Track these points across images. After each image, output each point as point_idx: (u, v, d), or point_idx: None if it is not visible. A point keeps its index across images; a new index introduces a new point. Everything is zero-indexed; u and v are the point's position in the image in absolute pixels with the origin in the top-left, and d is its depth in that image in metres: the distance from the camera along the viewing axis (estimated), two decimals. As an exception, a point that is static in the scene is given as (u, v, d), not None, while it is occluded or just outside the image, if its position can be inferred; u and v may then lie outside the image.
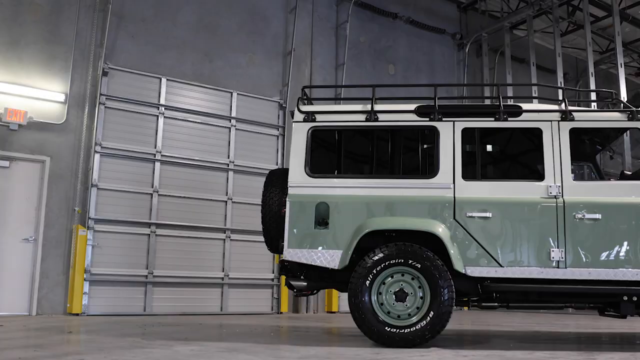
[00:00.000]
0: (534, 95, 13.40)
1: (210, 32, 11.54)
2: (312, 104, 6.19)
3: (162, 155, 10.54)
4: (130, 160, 10.26)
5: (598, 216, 5.31)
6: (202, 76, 11.28)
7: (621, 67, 13.55)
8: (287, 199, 5.58)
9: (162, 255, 10.35)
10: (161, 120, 10.63)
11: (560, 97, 5.72)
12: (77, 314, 9.28)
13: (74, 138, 9.82)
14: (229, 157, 11.30)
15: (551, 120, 5.59)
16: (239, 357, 4.53)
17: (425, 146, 5.85)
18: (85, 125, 9.92)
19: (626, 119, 5.58)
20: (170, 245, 10.47)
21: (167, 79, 10.78)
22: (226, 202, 11.18)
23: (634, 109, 5.57)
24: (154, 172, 10.45)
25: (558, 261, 5.30)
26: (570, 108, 5.63)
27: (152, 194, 10.38)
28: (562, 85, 14.51)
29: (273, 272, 11.40)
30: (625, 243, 5.28)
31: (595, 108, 7.32)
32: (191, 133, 10.98)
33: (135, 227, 10.17)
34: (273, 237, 5.93)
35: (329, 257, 5.44)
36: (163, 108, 10.68)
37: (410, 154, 5.97)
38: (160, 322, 8.22)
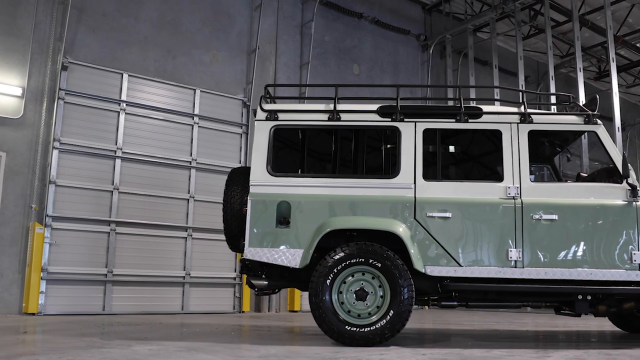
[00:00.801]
0: (496, 97, 13.61)
1: (174, 28, 11.42)
2: (275, 102, 6.17)
3: (123, 152, 10.39)
4: (90, 156, 10.09)
5: (555, 217, 5.41)
6: (164, 72, 11.16)
7: (580, 71, 13.83)
8: (248, 198, 5.54)
9: (122, 254, 10.21)
10: (122, 116, 10.48)
11: (524, 100, 5.79)
12: (34, 314, 9.09)
13: (31, 133, 9.61)
14: (191, 155, 11.20)
15: (510, 123, 5.68)
16: (197, 356, 4.48)
17: (387, 146, 5.88)
18: (44, 120, 9.72)
19: (582, 123, 5.70)
20: (130, 243, 10.33)
21: (128, 75, 10.63)
22: (188, 200, 11.09)
23: (590, 112, 5.69)
24: (114, 169, 10.30)
25: (516, 261, 5.38)
26: (529, 111, 5.72)
27: (112, 192, 10.23)
28: (523, 88, 14.76)
29: (235, 271, 11.34)
30: (580, 243, 5.40)
31: (555, 111, 7.46)
32: (153, 130, 10.85)
33: (95, 224, 10.01)
34: (234, 235, 5.89)
35: (290, 256, 5.43)
36: (124, 104, 10.53)
37: (372, 154, 5.99)
38: (119, 322, 8.10)
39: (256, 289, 5.78)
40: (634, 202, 5.47)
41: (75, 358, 4.28)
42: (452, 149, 6.02)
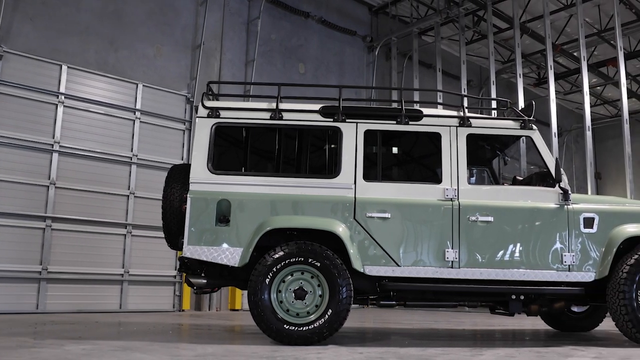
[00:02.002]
0: (439, 100, 13.85)
1: (116, 20, 11.18)
2: (218, 99, 6.12)
3: (60, 146, 10.10)
4: (25, 150, 9.76)
5: (490, 219, 5.55)
6: (106, 65, 10.91)
7: (520, 77, 14.20)
8: (188, 195, 5.48)
9: (58, 251, 9.93)
10: (60, 109, 10.18)
11: (463, 104, 5.92)
12: (-38, 312, 8.76)
13: (-37, 124, 9.26)
14: (132, 150, 10.99)
15: (450, 126, 5.79)
16: (132, 355, 4.41)
17: (329, 146, 5.90)
18: (-23, 111, 9.38)
19: (519, 127, 5.86)
20: (67, 240, 10.05)
21: (68, 67, 10.34)
22: (128, 196, 10.87)
23: (526, 118, 5.86)
24: (51, 164, 10.00)
25: (452, 261, 5.49)
26: (468, 115, 5.84)
27: (48, 186, 9.93)
28: (465, 92, 15.06)
29: (175, 269, 11.18)
30: (514, 245, 5.55)
31: (495, 115, 7.64)
32: (93, 124, 10.59)
33: (29, 220, 9.69)
34: (173, 233, 5.81)
35: (230, 255, 5.39)
36: (63, 97, 10.23)
37: (313, 154, 6.01)
38: (53, 321, 7.88)
39: (195, 288, 5.73)
40: (566, 206, 5.67)
41: (3, 358, 4.15)
42: (392, 150, 6.10)
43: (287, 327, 5.21)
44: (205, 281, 5.62)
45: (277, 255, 5.27)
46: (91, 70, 10.66)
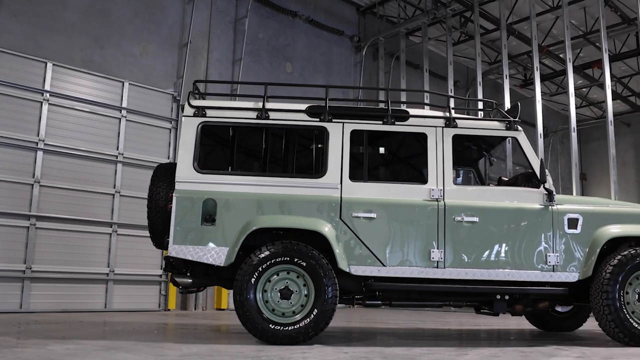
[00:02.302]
0: (426, 101, 13.88)
1: (103, 17, 11.11)
2: (205, 98, 6.10)
3: (45, 144, 10.03)
4: (10, 147, 9.67)
5: (475, 219, 5.58)
6: (92, 63, 10.84)
7: (506, 78, 14.28)
8: (173, 194, 5.46)
9: (43, 250, 9.85)
10: (45, 107, 10.10)
11: (449, 105, 5.94)
12: (-56, 311, 8.67)
13: (-54, 122, 9.16)
14: (118, 149, 10.93)
15: (436, 126, 5.80)
16: (117, 355, 4.39)
17: (315, 146, 5.90)
18: (-40, 108, 9.29)
19: (504, 128, 5.89)
20: (51, 239, 9.98)
21: (53, 64, 10.26)
22: (114, 195, 10.81)
23: (512, 119, 5.89)
24: (35, 162, 9.92)
25: (438, 261, 5.51)
26: (454, 115, 5.86)
27: (32, 185, 9.85)
28: (452, 93, 15.13)
29: (161, 268, 11.14)
30: (499, 245, 5.58)
31: (481, 116, 7.68)
32: (78, 122, 10.52)
33: (13, 219, 9.60)
34: (159, 232, 5.79)
35: (215, 254, 5.38)
36: (48, 94, 10.15)
37: (300, 154, 6.01)
38: (37, 320, 7.82)
39: (181, 287, 5.71)
40: (550, 206, 5.71)
41: (-16, 358, 4.11)
42: (378, 150, 6.11)
43: (272, 327, 5.20)
44: (190, 280, 5.60)
45: (262, 255, 5.27)
46: (77, 68, 10.59)
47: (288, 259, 5.28)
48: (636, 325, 5.45)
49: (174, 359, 4.26)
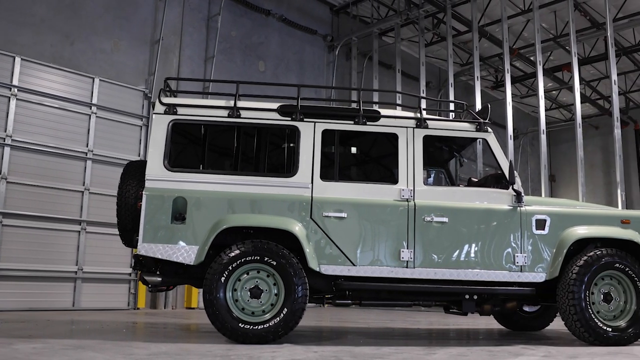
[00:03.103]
0: (398, 101, 13.95)
1: (73, 12, 10.95)
2: (176, 96, 6.06)
3: (12, 140, 9.85)
4: (-24, 143, 9.51)
5: (445, 219, 5.63)
6: (61, 58, 10.68)
7: (478, 79, 14.43)
8: (143, 192, 5.42)
9: (9, 247, 9.67)
10: (13, 102, 9.92)
11: (420, 106, 5.98)
12: None
13: None
14: (87, 146, 10.79)
15: (407, 127, 5.84)
16: (84, 354, 4.34)
17: (287, 145, 5.90)
18: None
19: (474, 130, 5.96)
20: (18, 236, 9.81)
21: (21, 59, 10.08)
22: (83, 192, 10.67)
23: (482, 120, 5.95)
24: (2, 158, 9.74)
25: (407, 261, 5.55)
26: (425, 116, 5.90)
27: (-1, 181, 9.70)
28: (424, 94, 15.23)
29: (130, 267, 11.03)
30: (468, 245, 5.64)
31: (452, 117, 7.75)
32: (47, 118, 10.35)
33: (-21, 215, 9.45)
34: (128, 230, 5.74)
35: (185, 253, 5.35)
36: (16, 89, 9.97)
37: (271, 153, 6.00)
38: (3, 319, 7.68)
39: (150, 286, 5.68)
40: (519, 207, 5.78)
41: (-53, 357, 4.04)
42: (350, 150, 6.13)
43: (242, 326, 5.19)
44: (160, 279, 5.57)
45: (233, 254, 5.26)
46: (46, 63, 10.42)
47: (258, 258, 5.27)
48: (601, 325, 5.55)
49: (142, 357, 4.22)
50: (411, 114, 5.95)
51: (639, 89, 21.52)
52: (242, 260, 5.25)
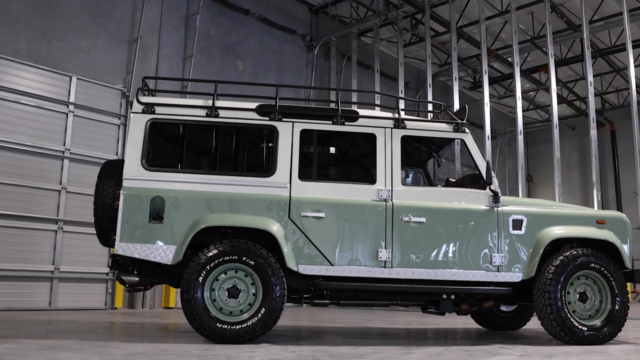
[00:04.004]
0: (376, 102, 14.01)
1: (50, 10, 10.84)
2: (154, 95, 6.02)
3: (-12, 138, 9.75)
4: (-50, 142, 9.38)
5: (423, 219, 5.66)
6: (37, 56, 10.57)
7: (456, 80, 14.55)
8: (121, 192, 5.38)
9: (-16, 247, 9.58)
10: (-12, 100, 9.82)
11: (398, 106, 6.00)
12: None
13: None
14: (64, 145, 10.69)
15: (385, 127, 5.87)
16: (60, 354, 4.30)
17: (265, 145, 5.89)
18: None
19: (452, 130, 6.00)
20: (-7, 235, 9.71)
21: (-4, 57, 9.99)
22: (60, 191, 10.57)
23: (459, 121, 6.00)
24: (-23, 156, 9.64)
25: (385, 261, 5.57)
26: (403, 116, 5.93)
27: (-26, 180, 9.57)
28: (402, 94, 15.31)
29: (107, 266, 10.94)
30: (446, 245, 5.67)
31: (430, 118, 7.80)
32: (23, 116, 10.24)
33: (-47, 215, 9.32)
34: (105, 230, 5.70)
35: (163, 253, 5.32)
36: (-9, 88, 9.87)
37: (249, 152, 5.99)
38: (-23, 319, 7.61)
39: (127, 285, 5.64)
40: (496, 208, 5.83)
41: None
42: (328, 150, 6.14)
43: (220, 326, 5.18)
44: (137, 279, 5.54)
45: (210, 254, 5.24)
46: (22, 61, 10.31)
47: (236, 257, 5.26)
48: (577, 324, 5.61)
49: (119, 358, 4.20)
50: (389, 114, 5.97)
51: (615, 90, 21.84)
52: (220, 259, 5.24)
